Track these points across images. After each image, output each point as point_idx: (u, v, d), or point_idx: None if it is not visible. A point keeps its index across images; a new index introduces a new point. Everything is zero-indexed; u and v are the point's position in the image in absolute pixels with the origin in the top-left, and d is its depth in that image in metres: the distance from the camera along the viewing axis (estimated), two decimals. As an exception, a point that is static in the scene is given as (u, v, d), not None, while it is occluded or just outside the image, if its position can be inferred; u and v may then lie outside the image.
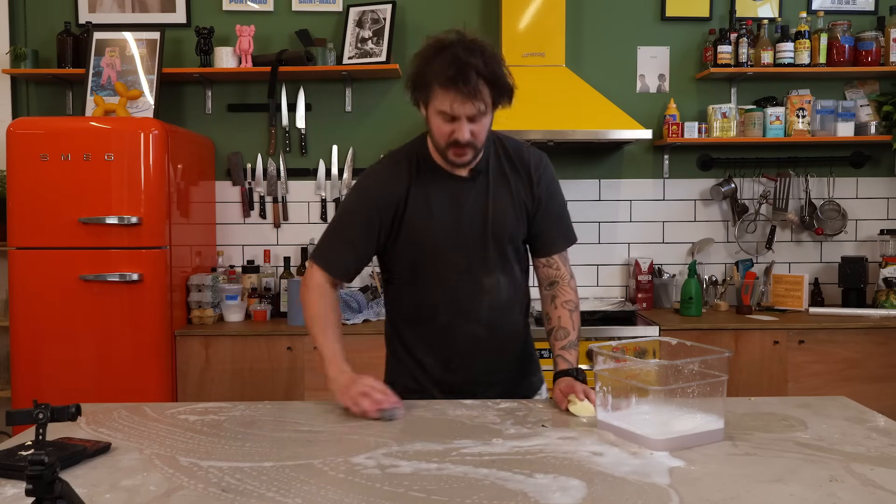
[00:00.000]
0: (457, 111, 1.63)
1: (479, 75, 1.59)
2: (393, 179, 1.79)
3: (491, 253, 1.81)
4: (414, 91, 1.70)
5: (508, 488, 1.28)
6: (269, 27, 3.72)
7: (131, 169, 3.08)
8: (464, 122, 1.65)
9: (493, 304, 1.84)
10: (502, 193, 1.81)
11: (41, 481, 1.04)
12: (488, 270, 1.82)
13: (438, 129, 1.68)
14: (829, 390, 3.16)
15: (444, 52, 1.62)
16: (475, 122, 1.66)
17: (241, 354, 3.20)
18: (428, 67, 1.64)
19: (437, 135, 1.70)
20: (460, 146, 1.68)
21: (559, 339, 1.86)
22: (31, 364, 3.09)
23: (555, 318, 1.88)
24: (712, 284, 3.72)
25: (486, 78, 1.61)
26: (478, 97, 1.61)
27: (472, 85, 1.59)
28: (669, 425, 1.48)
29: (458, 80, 1.59)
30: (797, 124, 3.57)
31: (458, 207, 1.78)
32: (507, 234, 1.83)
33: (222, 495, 1.26)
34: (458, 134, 1.66)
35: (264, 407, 1.83)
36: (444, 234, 1.78)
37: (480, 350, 1.87)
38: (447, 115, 1.65)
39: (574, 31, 3.71)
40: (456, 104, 1.62)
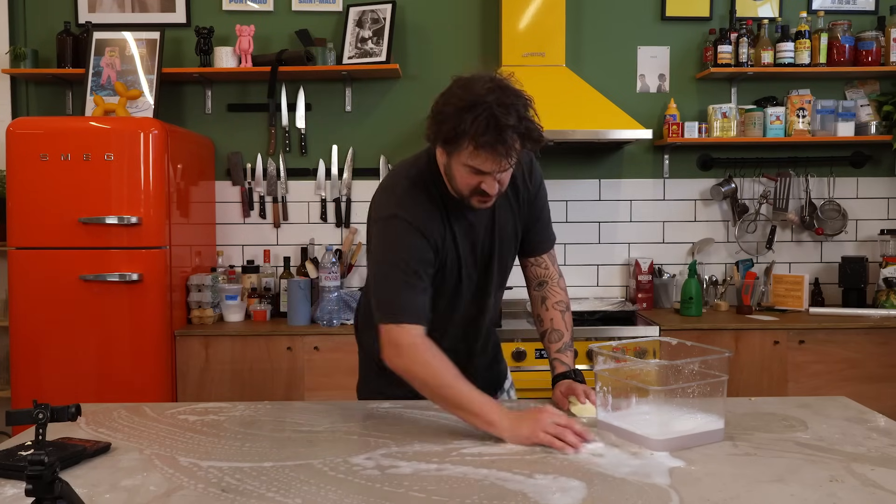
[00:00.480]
0: (489, 168, 1.56)
1: (514, 133, 1.51)
2: (432, 215, 1.68)
3: (495, 275, 1.82)
4: (444, 142, 1.58)
5: (508, 488, 1.28)
6: (269, 27, 3.72)
7: (131, 169, 3.08)
8: (494, 177, 1.59)
9: (491, 318, 1.92)
10: (505, 213, 1.78)
11: (41, 481, 1.05)
12: (490, 292, 1.84)
13: (463, 179, 1.60)
14: (830, 390, 3.15)
15: (480, 108, 1.50)
16: (504, 172, 1.59)
17: (240, 354, 3.20)
18: (461, 124, 1.51)
19: (460, 184, 1.61)
20: (486, 196, 1.61)
21: (554, 341, 1.86)
22: (31, 364, 3.09)
23: (547, 321, 1.87)
24: (712, 284, 3.72)
25: (520, 134, 1.52)
26: (512, 155, 1.54)
27: (509, 145, 1.51)
28: (670, 425, 1.48)
29: (496, 144, 1.51)
30: (797, 124, 3.57)
31: (474, 238, 1.75)
32: (510, 255, 1.84)
33: (222, 495, 1.26)
34: (487, 188, 1.59)
35: (264, 407, 1.83)
36: (465, 266, 1.75)
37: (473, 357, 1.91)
38: (477, 170, 1.57)
39: (574, 31, 3.70)
40: (489, 163, 1.54)
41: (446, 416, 1.71)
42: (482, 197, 1.62)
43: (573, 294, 3.72)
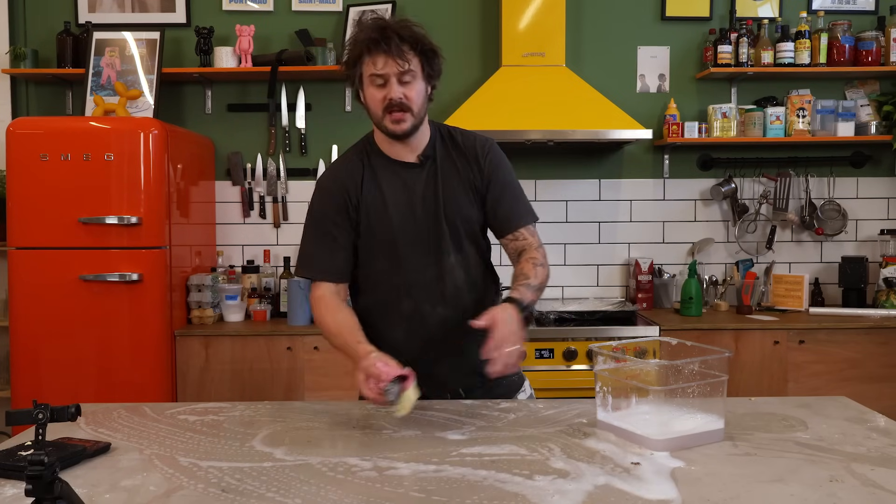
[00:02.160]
0: (382, 69, 1.71)
1: (401, 39, 1.70)
2: (346, 172, 1.85)
3: (446, 235, 1.82)
4: (349, 69, 1.77)
5: (507, 490, 1.28)
6: (269, 27, 3.72)
7: (131, 169, 3.08)
8: (393, 81, 1.71)
9: (456, 283, 1.84)
10: (451, 177, 1.84)
11: (41, 481, 1.04)
12: (446, 252, 1.83)
13: (372, 97, 1.74)
14: (830, 390, 3.15)
15: (371, 23, 1.76)
16: (406, 85, 1.72)
17: (240, 354, 3.20)
18: (355, 40, 1.76)
19: (372, 105, 1.76)
20: (395, 110, 1.73)
21: (518, 280, 1.78)
22: (31, 364, 3.09)
23: (517, 271, 1.83)
24: (712, 284, 3.72)
25: (409, 42, 1.71)
26: (403, 57, 1.70)
27: (395, 45, 1.69)
28: (669, 425, 1.48)
29: (380, 42, 1.69)
30: (797, 124, 3.57)
31: (410, 193, 1.82)
32: (459, 216, 1.84)
33: (222, 495, 1.26)
34: (390, 93, 1.72)
35: (264, 407, 1.83)
36: (399, 219, 1.81)
37: (452, 334, 1.82)
38: (377, 77, 1.72)
39: (574, 31, 3.70)
40: (380, 63, 1.70)
41: (446, 416, 1.71)
42: (393, 114, 1.73)
43: (573, 294, 3.77)
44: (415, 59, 1.73)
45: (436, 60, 1.79)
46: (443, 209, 1.82)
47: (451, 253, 1.83)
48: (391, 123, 1.75)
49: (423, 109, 1.78)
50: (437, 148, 1.86)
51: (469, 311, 1.78)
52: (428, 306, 1.83)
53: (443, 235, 1.82)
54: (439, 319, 1.83)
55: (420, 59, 1.74)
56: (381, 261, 1.84)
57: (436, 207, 1.82)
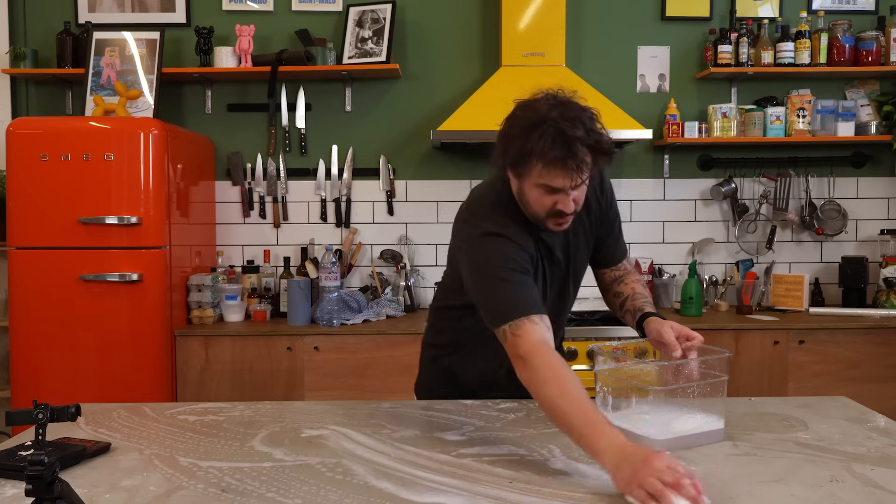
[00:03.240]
0: (562, 185, 1.53)
1: (582, 145, 1.49)
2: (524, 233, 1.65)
3: (570, 295, 1.82)
4: (513, 165, 1.57)
5: (507, 490, 1.28)
6: (269, 27, 3.72)
7: (131, 169, 3.08)
8: (569, 194, 1.55)
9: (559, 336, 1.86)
10: (578, 233, 1.76)
11: (41, 481, 1.05)
12: (564, 311, 1.83)
13: (538, 201, 1.58)
14: (830, 390, 3.15)
15: (545, 125, 1.49)
16: (577, 189, 1.56)
17: (240, 354, 3.20)
18: (528, 142, 1.50)
19: (535, 206, 1.59)
20: (562, 216, 1.59)
21: (638, 298, 1.77)
22: (31, 364, 3.09)
23: (628, 290, 1.81)
24: (712, 284, 3.72)
25: (590, 147, 1.51)
26: (584, 169, 1.52)
27: (580, 159, 1.50)
28: (670, 425, 1.48)
29: (565, 158, 1.49)
30: (797, 124, 3.57)
31: (552, 258, 1.73)
32: (582, 274, 1.84)
33: (222, 495, 1.26)
34: (563, 206, 1.56)
35: (264, 407, 1.83)
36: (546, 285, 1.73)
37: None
38: (549, 188, 1.55)
39: (574, 31, 3.70)
40: (560, 180, 1.52)
41: (447, 416, 1.71)
42: (558, 218, 1.59)
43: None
44: (591, 161, 1.52)
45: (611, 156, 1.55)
46: (572, 272, 1.78)
47: (569, 309, 1.86)
48: (553, 226, 1.62)
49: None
50: None
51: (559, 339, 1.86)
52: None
53: (568, 296, 1.82)
54: None
55: (594, 157, 1.52)
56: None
57: (567, 269, 1.77)
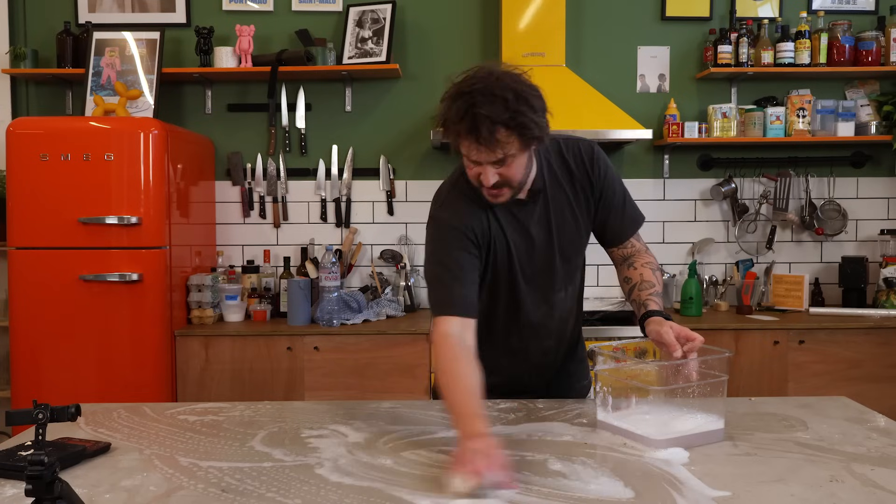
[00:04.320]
0: (476, 158, 1.56)
1: (495, 123, 1.48)
2: (473, 213, 1.69)
3: (559, 270, 1.78)
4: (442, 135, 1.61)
5: (506, 491, 1.28)
6: (269, 27, 3.72)
7: (131, 169, 3.08)
8: (487, 167, 1.56)
9: (561, 316, 1.84)
10: (563, 207, 1.75)
11: (41, 481, 1.05)
12: (557, 288, 1.80)
13: (468, 171, 1.62)
14: (830, 390, 3.15)
15: (462, 99, 1.51)
16: (503, 165, 1.56)
17: (240, 354, 3.20)
18: (447, 115, 1.54)
19: (469, 176, 1.64)
20: (491, 188, 1.60)
21: (645, 289, 1.74)
22: (31, 364, 3.09)
23: (636, 276, 1.78)
24: (712, 284, 3.72)
25: (504, 125, 1.49)
26: (496, 146, 1.51)
27: (486, 136, 1.49)
28: (670, 425, 1.49)
29: (473, 132, 1.50)
30: (797, 124, 3.57)
31: (525, 231, 1.73)
32: (572, 247, 1.79)
33: (222, 495, 1.26)
34: (483, 179, 1.58)
35: (264, 407, 1.83)
36: (519, 260, 1.73)
37: (550, 361, 1.89)
38: (470, 159, 1.58)
39: (574, 31, 3.70)
40: (474, 153, 1.55)
41: (447, 417, 1.71)
42: (490, 190, 1.60)
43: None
44: (512, 140, 1.52)
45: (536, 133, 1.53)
46: (557, 246, 1.76)
47: (563, 288, 1.81)
48: (489, 197, 1.64)
49: (525, 175, 1.64)
50: (545, 178, 1.73)
51: (566, 338, 1.88)
52: (535, 342, 1.83)
53: (556, 272, 1.78)
54: (542, 350, 1.85)
55: (519, 139, 1.52)
56: (498, 299, 1.76)
57: (549, 245, 1.75)
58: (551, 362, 1.90)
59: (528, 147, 1.56)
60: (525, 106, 1.50)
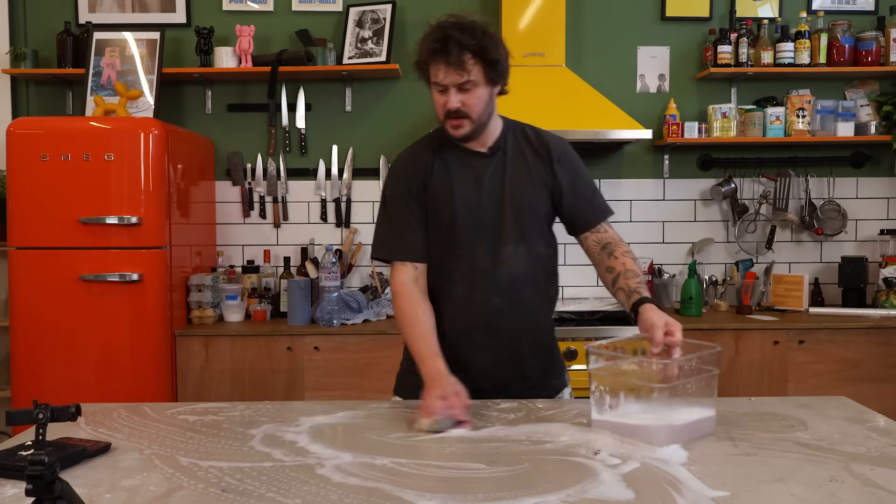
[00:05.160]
0: (443, 80, 1.73)
1: (462, 47, 1.70)
2: (417, 159, 1.88)
3: (508, 222, 1.83)
4: (419, 72, 1.79)
5: (505, 490, 1.28)
6: (269, 27, 3.72)
7: (131, 169, 3.08)
8: (451, 91, 1.74)
9: (512, 273, 1.84)
10: (521, 168, 1.86)
11: (41, 481, 1.04)
12: (505, 240, 1.83)
13: (436, 102, 1.78)
14: (830, 390, 3.15)
15: (436, 30, 1.74)
16: (465, 92, 1.74)
17: (241, 354, 3.20)
18: (422, 46, 1.75)
19: (436, 109, 1.79)
20: (454, 117, 1.76)
21: (630, 278, 1.78)
22: (31, 364, 3.09)
23: (619, 266, 1.82)
24: (712, 284, 3.72)
25: (471, 51, 1.71)
26: (462, 67, 1.70)
27: (455, 55, 1.69)
28: (666, 420, 1.49)
29: (440, 52, 1.70)
30: (797, 124, 3.57)
31: (477, 181, 1.84)
32: (525, 205, 1.85)
33: (222, 495, 1.26)
34: (449, 102, 1.74)
35: (264, 407, 1.83)
36: (463, 206, 1.83)
37: (503, 325, 1.85)
38: (438, 85, 1.75)
39: (574, 31, 3.70)
40: (441, 73, 1.73)
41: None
42: (452, 120, 1.76)
43: (573, 294, 3.77)
44: (476, 66, 1.72)
45: (498, 66, 1.76)
46: (508, 198, 1.84)
47: (511, 243, 1.84)
48: (450, 128, 1.79)
49: (484, 113, 1.79)
50: (508, 141, 1.88)
51: (525, 306, 1.86)
52: (480, 293, 1.83)
53: (505, 224, 1.83)
54: (492, 308, 1.84)
55: (482, 66, 1.73)
56: (441, 245, 1.85)
57: (501, 195, 1.84)
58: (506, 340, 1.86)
59: (489, 79, 1.75)
60: (490, 41, 1.74)
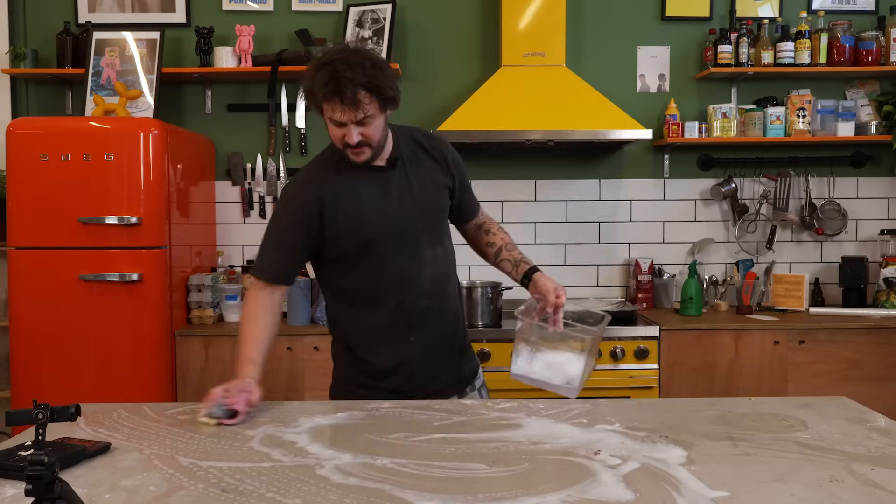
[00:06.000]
0: (340, 118, 1.76)
1: (356, 86, 1.72)
2: (316, 183, 1.90)
3: (422, 228, 1.94)
4: (309, 103, 1.82)
5: (505, 490, 1.28)
6: (269, 27, 3.72)
7: (131, 169, 3.08)
8: (351, 127, 1.77)
9: (435, 276, 1.96)
10: (422, 174, 1.96)
11: (41, 481, 1.04)
12: (423, 245, 1.94)
13: (333, 134, 1.82)
14: (830, 390, 3.15)
15: (325, 68, 1.73)
16: (364, 125, 1.78)
17: (241, 354, 3.19)
18: (312, 84, 1.76)
19: (334, 139, 1.84)
20: (354, 148, 1.81)
21: (512, 249, 2.06)
22: (31, 364, 3.09)
23: (499, 240, 2.08)
24: (712, 284, 3.72)
25: (365, 88, 1.73)
26: (358, 107, 1.74)
27: (349, 95, 1.71)
28: (565, 369, 1.83)
29: (335, 94, 1.72)
30: (797, 124, 3.57)
31: (384, 192, 1.90)
32: (434, 209, 1.98)
33: (222, 495, 1.26)
34: (348, 138, 1.79)
35: (264, 407, 1.82)
36: (378, 217, 1.89)
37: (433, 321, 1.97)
38: (335, 122, 1.78)
39: (574, 31, 3.70)
40: (338, 113, 1.76)
41: (447, 416, 1.71)
42: (352, 149, 1.82)
43: (573, 294, 3.77)
44: (372, 102, 1.76)
45: (392, 98, 1.81)
46: (419, 205, 1.93)
47: (430, 245, 1.95)
48: (352, 156, 1.84)
49: (382, 137, 1.86)
50: (402, 150, 1.95)
51: (447, 301, 2.01)
52: (410, 300, 1.92)
53: (422, 229, 1.94)
54: (422, 309, 1.94)
55: (378, 101, 1.77)
56: (364, 259, 1.90)
57: (412, 203, 1.92)
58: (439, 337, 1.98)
59: (384, 108, 1.81)
60: (381, 72, 1.76)
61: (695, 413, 1.73)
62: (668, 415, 1.72)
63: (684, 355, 3.22)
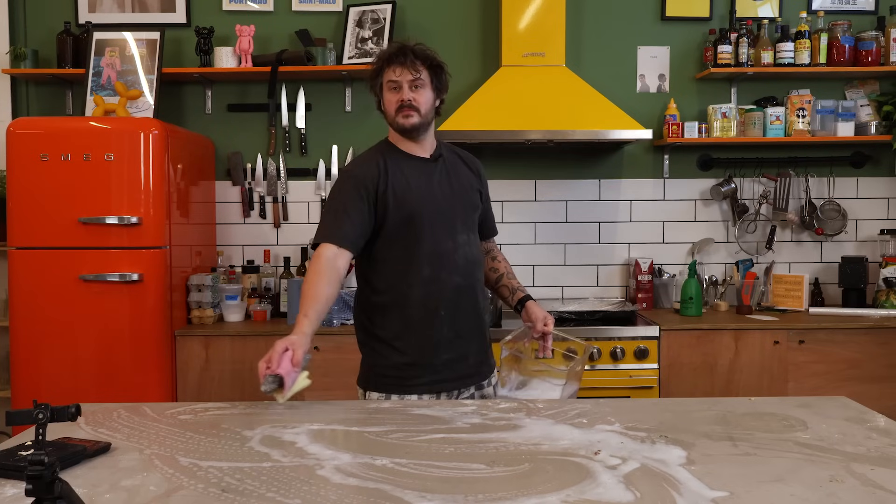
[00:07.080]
0: (398, 77, 2.04)
1: (415, 55, 2.05)
2: (370, 163, 2.10)
3: (460, 215, 2.13)
4: (372, 80, 2.11)
5: (504, 490, 1.28)
6: (269, 27, 3.72)
7: (131, 169, 3.08)
8: (405, 86, 2.05)
9: (467, 257, 2.12)
10: (460, 173, 2.19)
11: (41, 481, 1.05)
12: (460, 230, 2.12)
13: (389, 100, 2.08)
14: (830, 390, 3.15)
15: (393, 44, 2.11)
16: (416, 90, 2.05)
17: (240, 354, 3.20)
18: (380, 56, 2.10)
19: (388, 106, 2.09)
20: (406, 108, 2.05)
21: (513, 278, 2.31)
22: (31, 364, 3.09)
23: (502, 268, 2.32)
24: (712, 284, 3.72)
25: (421, 59, 2.05)
26: (415, 68, 2.04)
27: (409, 59, 2.03)
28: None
29: (398, 55, 2.04)
30: (797, 124, 3.57)
31: (429, 178, 2.11)
32: (470, 203, 2.18)
33: (222, 495, 1.26)
34: (404, 94, 2.04)
35: (264, 407, 1.83)
36: (421, 197, 2.08)
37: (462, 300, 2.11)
38: (392, 83, 2.05)
39: (574, 31, 3.70)
40: (396, 72, 2.04)
41: (448, 416, 1.71)
42: (403, 111, 2.05)
43: (573, 294, 3.78)
44: (425, 71, 2.06)
45: (442, 75, 2.12)
46: (457, 195, 2.14)
47: (464, 231, 2.13)
48: (402, 119, 2.06)
49: (430, 113, 2.10)
50: (444, 152, 2.19)
51: (476, 283, 2.17)
52: (445, 272, 2.08)
53: (458, 214, 2.13)
54: (454, 286, 2.09)
55: (429, 72, 2.07)
56: (405, 232, 2.06)
57: (451, 191, 2.13)
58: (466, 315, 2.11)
59: (435, 87, 2.10)
60: (439, 61, 2.11)
61: (695, 413, 1.74)
62: (668, 415, 1.72)
63: (684, 355, 3.22)
